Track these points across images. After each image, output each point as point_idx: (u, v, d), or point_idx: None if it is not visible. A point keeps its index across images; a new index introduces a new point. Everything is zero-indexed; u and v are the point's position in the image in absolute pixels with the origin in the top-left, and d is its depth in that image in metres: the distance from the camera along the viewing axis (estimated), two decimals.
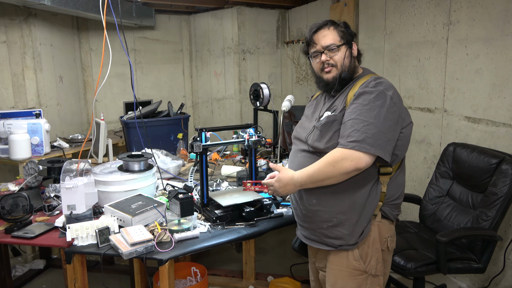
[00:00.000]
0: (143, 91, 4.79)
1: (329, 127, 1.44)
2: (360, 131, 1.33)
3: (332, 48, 1.48)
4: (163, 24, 4.79)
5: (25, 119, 3.05)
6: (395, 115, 1.38)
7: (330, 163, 1.34)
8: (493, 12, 2.31)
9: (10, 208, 1.72)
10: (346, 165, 1.32)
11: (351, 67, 1.51)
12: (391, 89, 1.42)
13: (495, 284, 2.39)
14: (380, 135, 1.34)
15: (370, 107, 1.36)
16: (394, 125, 1.38)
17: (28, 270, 2.87)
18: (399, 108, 1.41)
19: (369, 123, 1.34)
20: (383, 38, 3.13)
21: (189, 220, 1.70)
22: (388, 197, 1.46)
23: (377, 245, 1.46)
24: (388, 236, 1.49)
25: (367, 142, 1.32)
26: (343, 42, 1.49)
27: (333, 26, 1.51)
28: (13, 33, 3.34)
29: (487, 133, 2.41)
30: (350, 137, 1.34)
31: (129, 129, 3.14)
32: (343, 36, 1.50)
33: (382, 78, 1.46)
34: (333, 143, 1.42)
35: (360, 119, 1.35)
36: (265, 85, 2.67)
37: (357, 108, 1.38)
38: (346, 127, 1.37)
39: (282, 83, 4.83)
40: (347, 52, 1.49)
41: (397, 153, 1.42)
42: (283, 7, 4.60)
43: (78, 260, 1.57)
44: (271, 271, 2.86)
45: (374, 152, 1.32)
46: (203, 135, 1.78)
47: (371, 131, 1.33)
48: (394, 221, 1.52)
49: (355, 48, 1.53)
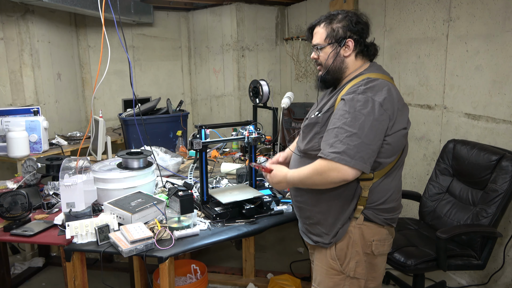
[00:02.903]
0: (142, 88, 4.77)
1: (310, 129, 1.44)
2: (342, 142, 1.29)
3: (316, 48, 1.46)
4: (161, 21, 4.76)
5: (23, 116, 3.03)
6: (384, 123, 1.32)
7: (318, 172, 1.34)
8: (493, 8, 2.30)
9: (9, 206, 1.72)
10: (333, 176, 1.31)
11: (336, 69, 1.45)
12: (383, 94, 1.33)
13: (495, 281, 2.40)
14: (363, 146, 1.29)
15: (355, 115, 1.30)
16: (380, 134, 1.32)
17: (27, 268, 2.86)
18: (391, 114, 1.34)
19: (352, 134, 1.29)
20: (382, 34, 3.12)
21: (189, 217, 1.69)
22: (371, 202, 1.41)
23: (358, 248, 1.43)
24: (374, 240, 1.45)
25: (347, 154, 1.28)
26: (328, 42, 1.43)
27: (325, 23, 1.45)
28: (11, 30, 3.32)
29: (487, 130, 2.41)
30: (332, 147, 1.31)
31: (128, 126, 3.13)
32: (332, 35, 1.43)
33: (376, 80, 1.37)
34: (312, 145, 1.42)
35: (344, 128, 1.30)
36: (265, 82, 2.66)
37: (343, 116, 1.32)
38: (331, 135, 1.33)
39: (281, 80, 4.82)
40: (331, 53, 1.43)
41: (380, 161, 1.37)
42: (282, 3, 4.59)
43: (77, 258, 1.57)
44: (271, 268, 2.86)
45: (353, 165, 1.28)
46: (202, 132, 1.77)
47: (353, 142, 1.29)
48: (384, 225, 1.46)
49: (351, 45, 1.43)
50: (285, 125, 3.38)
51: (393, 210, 1.48)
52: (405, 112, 1.41)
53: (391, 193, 1.45)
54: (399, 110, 1.37)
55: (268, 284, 2.56)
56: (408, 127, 1.42)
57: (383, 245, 1.48)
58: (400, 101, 1.39)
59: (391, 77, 1.46)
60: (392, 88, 1.37)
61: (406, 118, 1.41)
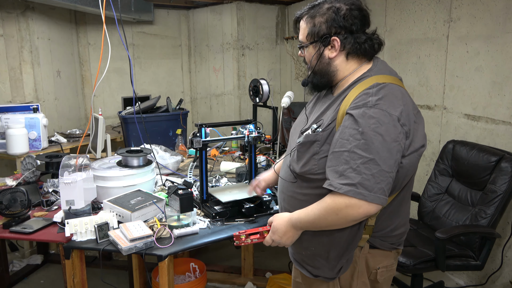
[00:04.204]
0: (142, 86, 4.76)
1: (307, 148, 1.18)
2: (356, 171, 1.05)
3: (301, 46, 1.24)
4: (162, 19, 4.76)
5: (23, 113, 3.03)
6: (402, 143, 1.08)
7: (333, 211, 1.09)
8: (494, 9, 2.30)
9: (8, 203, 1.71)
10: (353, 213, 1.07)
11: (323, 72, 1.22)
12: (400, 104, 1.09)
13: (493, 281, 2.41)
14: (383, 175, 1.05)
15: (370, 137, 1.05)
16: (399, 158, 1.09)
17: (25, 265, 2.86)
18: (408, 130, 1.10)
19: (368, 160, 1.04)
20: (383, 34, 3.11)
21: (188, 216, 1.69)
22: (378, 230, 1.22)
23: (364, 278, 1.25)
24: (379, 267, 1.26)
25: (364, 186, 1.04)
26: (310, 41, 1.20)
27: (308, 16, 1.20)
28: (11, 26, 3.31)
29: (487, 131, 2.41)
30: (343, 177, 1.06)
31: (128, 124, 3.13)
32: (314, 32, 1.18)
33: (387, 86, 1.12)
34: (310, 168, 1.17)
35: (356, 153, 1.05)
36: (265, 81, 2.66)
37: (354, 136, 1.06)
38: (340, 160, 1.08)
39: (281, 79, 4.82)
40: (315, 54, 1.21)
41: (395, 185, 1.14)
42: (282, 2, 4.58)
43: (76, 256, 1.57)
44: (270, 267, 2.86)
45: (371, 200, 1.04)
46: (203, 131, 1.77)
47: (370, 171, 1.04)
48: (392, 250, 1.28)
49: (336, 45, 1.17)
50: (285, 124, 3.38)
51: (402, 235, 1.30)
52: (421, 123, 1.18)
53: (400, 219, 1.25)
54: (415, 123, 1.14)
55: (266, 283, 2.56)
56: (426, 144, 1.19)
57: (390, 270, 1.30)
58: (414, 110, 1.16)
59: (399, 78, 1.22)
60: (405, 94, 1.15)
61: (423, 132, 1.18)
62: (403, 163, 1.11)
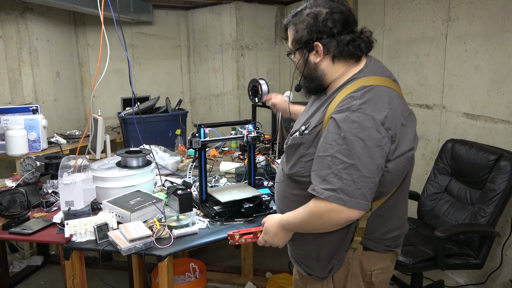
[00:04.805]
0: (141, 87, 4.77)
1: (294, 151, 1.20)
2: (337, 176, 1.05)
3: (289, 53, 1.27)
4: (161, 20, 4.76)
5: (22, 114, 3.03)
6: (386, 148, 1.07)
7: (316, 216, 1.11)
8: (492, 8, 2.31)
9: (8, 204, 1.72)
10: (335, 219, 1.08)
11: (312, 77, 1.22)
12: (385, 107, 1.08)
13: (492, 280, 2.41)
14: (363, 181, 1.05)
15: (351, 142, 1.05)
16: (383, 163, 1.08)
17: (25, 266, 2.86)
18: (393, 135, 1.08)
19: (349, 165, 1.05)
20: (382, 34, 3.12)
21: (188, 216, 1.69)
22: (370, 232, 1.21)
23: (358, 279, 1.25)
24: (374, 269, 1.26)
25: (345, 192, 1.05)
26: (295, 48, 1.22)
27: (291, 23, 1.22)
28: (9, 28, 3.31)
29: (486, 130, 2.42)
30: (325, 182, 1.07)
31: (127, 125, 3.13)
32: (297, 38, 1.20)
33: (374, 89, 1.10)
34: (297, 170, 1.19)
35: (338, 158, 1.06)
36: (264, 81, 2.66)
37: (336, 141, 1.07)
38: (323, 165, 1.08)
39: (280, 79, 4.82)
40: (301, 60, 1.22)
41: (383, 190, 1.13)
42: (281, 2, 4.59)
43: (76, 256, 1.57)
44: (270, 267, 2.86)
45: (351, 205, 1.04)
46: (202, 131, 1.77)
47: (350, 177, 1.04)
48: (387, 252, 1.28)
49: (319, 50, 1.17)
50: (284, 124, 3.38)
51: (398, 238, 1.28)
52: (412, 126, 1.16)
53: (393, 222, 1.24)
54: (403, 127, 1.11)
55: (266, 283, 2.56)
56: (416, 146, 1.16)
57: (386, 272, 1.29)
58: (404, 113, 1.14)
59: (393, 79, 1.20)
60: (394, 96, 1.13)
61: (413, 135, 1.15)
62: (388, 167, 1.10)
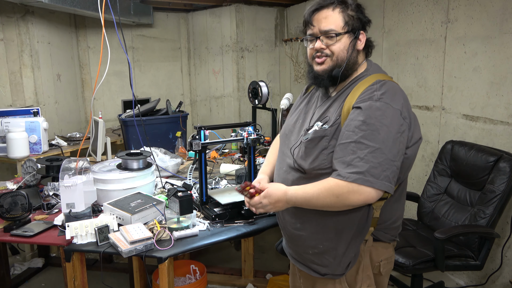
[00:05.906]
0: (141, 89, 4.78)
1: (316, 144, 1.22)
2: (364, 160, 1.10)
3: (331, 35, 1.21)
4: (161, 22, 4.77)
5: (23, 117, 3.04)
6: (405, 135, 1.15)
7: (333, 194, 1.13)
8: (491, 10, 2.32)
9: (9, 207, 1.72)
10: (353, 199, 1.12)
11: (350, 64, 1.23)
12: (400, 98, 1.17)
13: (492, 281, 2.41)
14: (388, 163, 1.10)
15: (376, 127, 1.11)
16: (403, 148, 1.16)
17: (26, 268, 2.87)
18: (409, 123, 1.18)
19: (375, 149, 1.10)
20: (381, 36, 3.13)
21: (188, 218, 1.70)
22: (382, 222, 1.26)
23: (368, 271, 1.29)
24: (382, 260, 1.31)
25: (372, 174, 1.09)
26: (346, 30, 1.21)
27: (340, 7, 1.22)
28: (10, 31, 3.32)
29: (485, 131, 2.42)
30: (351, 166, 1.11)
31: (128, 127, 3.14)
32: (350, 22, 1.21)
33: (387, 83, 1.20)
34: (320, 163, 1.21)
35: (363, 143, 1.11)
36: (264, 83, 2.67)
37: (359, 128, 1.12)
38: (347, 151, 1.13)
39: (280, 81, 4.83)
40: (350, 44, 1.22)
41: (399, 176, 1.19)
42: (281, 4, 4.60)
43: (77, 258, 1.57)
44: (270, 268, 2.86)
45: (379, 186, 1.10)
46: (202, 133, 1.78)
47: (377, 160, 1.09)
48: (390, 242, 1.34)
49: (363, 39, 1.24)
50: None
51: (399, 227, 1.36)
52: (416, 118, 1.26)
53: (399, 211, 1.31)
54: (414, 117, 1.23)
55: (267, 285, 2.56)
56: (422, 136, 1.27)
57: (390, 262, 1.36)
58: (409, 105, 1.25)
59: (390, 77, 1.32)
60: (402, 90, 1.24)
61: (419, 126, 1.26)
62: (407, 153, 1.18)
